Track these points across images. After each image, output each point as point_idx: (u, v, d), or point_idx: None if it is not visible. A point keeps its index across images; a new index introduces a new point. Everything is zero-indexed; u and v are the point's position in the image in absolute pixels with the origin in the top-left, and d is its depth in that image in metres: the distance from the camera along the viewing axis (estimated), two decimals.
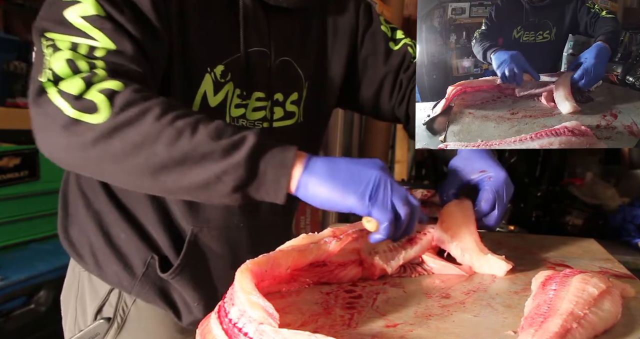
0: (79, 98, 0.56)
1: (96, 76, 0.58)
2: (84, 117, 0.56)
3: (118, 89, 0.57)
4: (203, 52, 0.72)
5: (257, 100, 0.79)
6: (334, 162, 0.60)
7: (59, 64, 0.58)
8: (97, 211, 0.80)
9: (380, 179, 0.59)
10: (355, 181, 0.58)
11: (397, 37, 0.95)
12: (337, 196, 0.58)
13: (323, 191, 0.58)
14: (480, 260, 0.67)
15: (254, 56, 0.77)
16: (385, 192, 0.59)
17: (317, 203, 0.59)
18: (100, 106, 0.56)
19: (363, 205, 0.58)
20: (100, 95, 0.57)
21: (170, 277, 0.77)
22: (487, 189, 0.73)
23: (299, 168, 0.59)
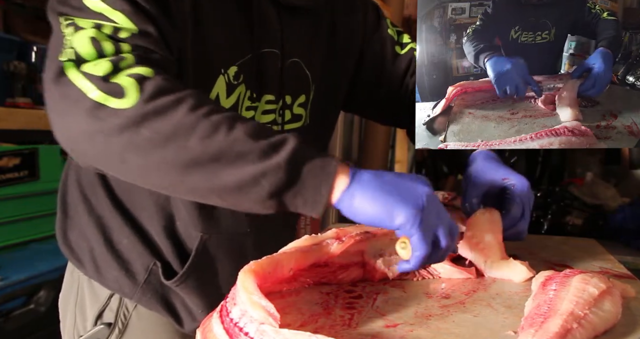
0: (105, 80, 0.52)
1: (124, 61, 0.54)
2: (109, 100, 0.51)
3: (148, 75, 0.53)
4: (217, 53, 0.69)
5: (267, 103, 0.77)
6: (381, 175, 0.56)
7: (83, 42, 0.53)
8: (99, 215, 0.77)
9: (431, 200, 0.54)
10: (406, 199, 0.53)
11: (404, 41, 0.93)
12: (386, 214, 0.53)
13: (370, 206, 0.53)
14: (502, 265, 0.66)
15: (266, 57, 0.74)
16: (434, 219, 0.54)
17: (359, 218, 0.54)
18: (128, 90, 0.51)
19: (411, 227, 0.53)
20: (130, 79, 0.52)
21: (175, 284, 0.75)
22: (514, 198, 0.71)
23: (344, 179, 0.54)
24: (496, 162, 0.76)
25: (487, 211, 0.71)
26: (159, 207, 0.74)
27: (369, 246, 0.63)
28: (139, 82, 0.52)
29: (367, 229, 0.64)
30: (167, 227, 0.75)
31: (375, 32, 0.91)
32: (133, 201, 0.76)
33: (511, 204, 0.71)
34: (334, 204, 0.55)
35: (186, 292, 0.76)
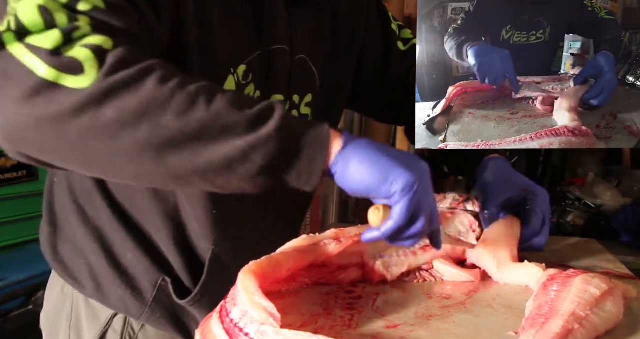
0: (55, 53, 0.43)
1: (78, 30, 0.45)
2: (63, 78, 0.43)
3: (106, 46, 0.45)
4: (225, 51, 0.63)
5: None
6: (376, 143, 0.51)
7: (28, 10, 0.44)
8: (97, 227, 0.69)
9: (428, 176, 0.50)
10: (407, 166, 0.49)
11: (406, 36, 0.89)
12: (382, 178, 0.48)
13: (367, 169, 0.48)
14: (515, 268, 0.63)
15: (275, 54, 0.69)
16: (424, 196, 0.50)
17: (352, 184, 0.49)
18: (85, 65, 0.43)
19: (403, 196, 0.48)
20: (85, 50, 0.43)
21: (189, 304, 0.68)
22: (534, 209, 0.69)
23: (338, 143, 0.49)
24: (511, 170, 0.74)
25: (508, 219, 0.70)
26: (167, 215, 0.68)
27: (368, 248, 0.63)
28: (96, 54, 0.44)
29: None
30: (176, 238, 0.68)
31: (378, 28, 0.87)
32: (137, 209, 0.68)
33: (532, 215, 0.69)
34: (328, 168, 0.50)
35: (201, 311, 0.69)
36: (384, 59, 0.88)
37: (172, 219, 0.68)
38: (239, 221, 0.71)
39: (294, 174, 0.48)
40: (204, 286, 0.68)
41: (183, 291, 0.69)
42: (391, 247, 0.64)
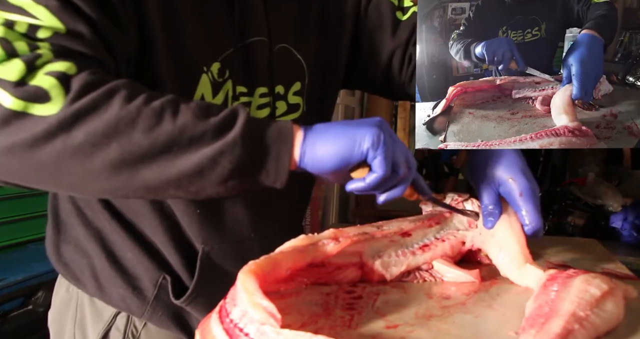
0: (20, 84, 0.44)
1: (40, 58, 0.46)
2: (30, 108, 0.44)
3: (70, 71, 0.46)
4: (196, 49, 0.63)
5: (261, 96, 0.71)
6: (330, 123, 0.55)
7: None
8: (98, 228, 0.71)
9: (385, 123, 0.54)
10: (364, 125, 0.53)
11: (405, 4, 0.85)
12: (351, 143, 0.52)
13: (333, 145, 0.52)
14: (521, 270, 0.63)
15: (253, 47, 0.68)
16: (391, 141, 0.53)
17: (326, 163, 0.52)
18: (51, 92, 0.45)
19: (377, 149, 0.52)
20: (50, 78, 0.45)
21: (185, 304, 0.70)
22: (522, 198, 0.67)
23: (299, 135, 0.53)
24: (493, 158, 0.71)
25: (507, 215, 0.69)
26: (162, 215, 0.69)
27: (367, 247, 0.63)
28: (61, 81, 0.45)
29: (365, 230, 0.63)
30: (173, 237, 0.70)
31: (375, 2, 0.84)
32: (133, 210, 0.70)
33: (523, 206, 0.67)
34: (297, 164, 0.53)
35: (198, 310, 0.71)
36: (382, 32, 0.84)
37: (166, 218, 0.69)
38: (228, 221, 0.71)
39: (264, 174, 0.52)
40: (197, 285, 0.70)
41: (183, 290, 0.70)
42: (390, 247, 0.64)
